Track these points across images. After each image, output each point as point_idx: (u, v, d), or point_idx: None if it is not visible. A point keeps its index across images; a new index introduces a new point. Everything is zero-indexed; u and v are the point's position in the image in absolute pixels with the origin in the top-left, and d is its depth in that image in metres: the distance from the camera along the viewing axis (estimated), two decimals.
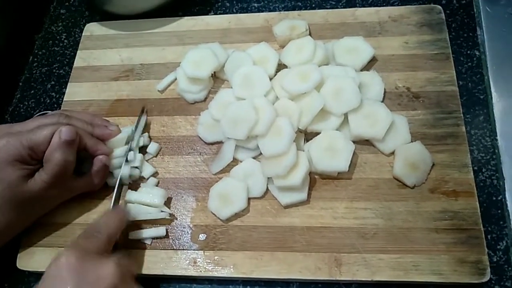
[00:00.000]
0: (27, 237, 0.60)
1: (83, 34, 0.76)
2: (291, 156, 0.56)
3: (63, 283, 0.44)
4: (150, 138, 0.64)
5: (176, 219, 0.59)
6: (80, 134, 0.55)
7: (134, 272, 0.52)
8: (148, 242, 0.57)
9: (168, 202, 0.59)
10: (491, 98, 0.64)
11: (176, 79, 0.68)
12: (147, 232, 0.57)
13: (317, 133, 0.59)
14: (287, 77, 0.61)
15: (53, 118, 0.57)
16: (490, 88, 0.64)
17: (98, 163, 0.58)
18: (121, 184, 0.59)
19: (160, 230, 0.57)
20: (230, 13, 0.76)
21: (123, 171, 0.59)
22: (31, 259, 0.58)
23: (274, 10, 0.76)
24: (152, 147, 0.63)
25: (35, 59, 0.78)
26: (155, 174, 0.62)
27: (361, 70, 0.64)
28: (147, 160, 0.63)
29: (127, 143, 0.61)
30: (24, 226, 0.57)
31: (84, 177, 0.58)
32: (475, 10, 0.70)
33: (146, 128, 0.65)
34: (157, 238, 0.58)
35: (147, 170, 0.62)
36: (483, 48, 0.68)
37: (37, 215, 0.58)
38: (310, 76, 0.60)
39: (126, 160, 0.60)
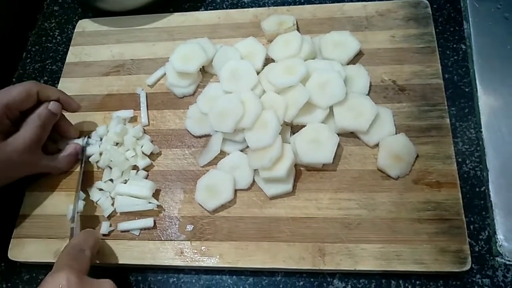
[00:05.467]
0: (18, 228, 0.61)
1: (75, 30, 0.77)
2: (276, 149, 0.56)
3: None
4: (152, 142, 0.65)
5: (164, 210, 0.60)
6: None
7: None
8: (136, 233, 0.58)
9: (156, 194, 0.60)
10: (476, 91, 0.64)
11: (165, 73, 0.69)
12: (136, 223, 0.58)
13: (303, 126, 0.60)
14: (273, 71, 0.62)
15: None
16: (475, 81, 0.65)
17: (70, 148, 0.62)
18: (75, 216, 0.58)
19: (148, 222, 0.58)
20: (220, 9, 0.77)
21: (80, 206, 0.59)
22: (22, 250, 0.59)
23: (264, 5, 0.77)
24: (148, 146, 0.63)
25: (29, 55, 0.79)
26: (148, 167, 0.63)
27: (348, 64, 0.65)
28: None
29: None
30: None
31: (52, 157, 0.61)
32: (462, 4, 0.71)
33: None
34: (145, 229, 0.59)
35: (143, 162, 0.62)
36: (469, 42, 0.68)
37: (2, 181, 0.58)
38: (296, 70, 0.61)
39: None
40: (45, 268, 0.60)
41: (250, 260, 0.55)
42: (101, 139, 0.65)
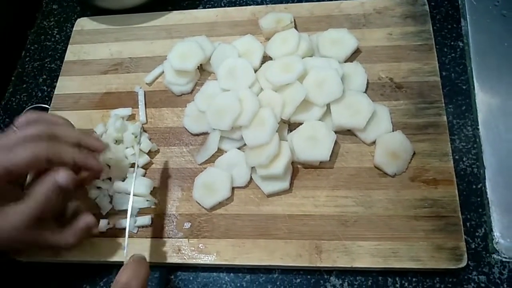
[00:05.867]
0: None
1: (74, 28, 0.77)
2: (273, 146, 0.57)
3: None
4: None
5: (162, 208, 0.60)
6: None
7: None
8: (134, 230, 0.59)
9: (154, 192, 0.61)
10: (474, 88, 0.64)
11: (163, 72, 0.69)
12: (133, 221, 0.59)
13: (301, 123, 0.60)
14: (271, 69, 0.62)
15: (35, 129, 0.50)
16: (473, 78, 0.65)
17: (82, 222, 0.54)
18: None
19: (146, 219, 0.59)
20: (218, 7, 0.77)
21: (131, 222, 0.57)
22: None
23: (261, 3, 0.77)
24: (146, 144, 0.63)
25: (28, 54, 0.80)
26: (147, 165, 0.63)
27: (345, 62, 0.65)
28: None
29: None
30: None
31: (60, 234, 0.52)
32: (459, 2, 0.71)
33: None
34: (142, 226, 0.59)
35: (141, 160, 0.63)
36: (467, 39, 0.68)
37: None
38: (293, 68, 0.61)
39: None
40: (46, 265, 0.60)
41: (247, 258, 0.55)
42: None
